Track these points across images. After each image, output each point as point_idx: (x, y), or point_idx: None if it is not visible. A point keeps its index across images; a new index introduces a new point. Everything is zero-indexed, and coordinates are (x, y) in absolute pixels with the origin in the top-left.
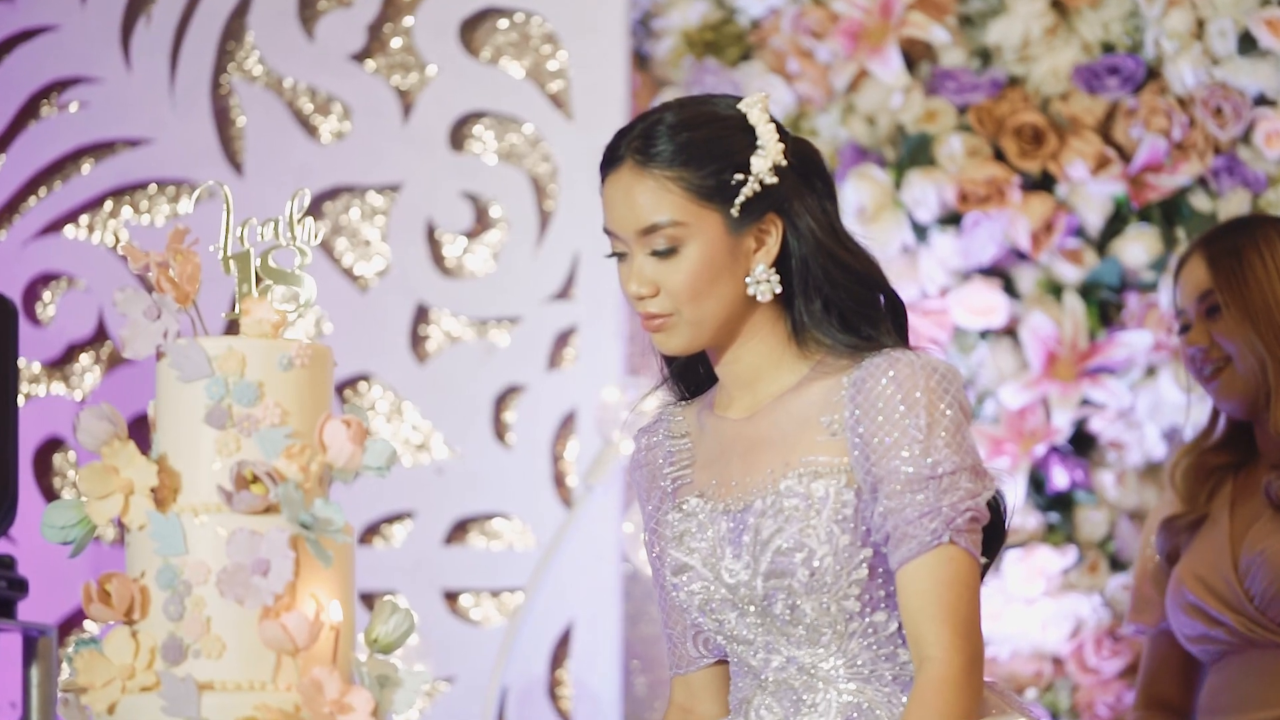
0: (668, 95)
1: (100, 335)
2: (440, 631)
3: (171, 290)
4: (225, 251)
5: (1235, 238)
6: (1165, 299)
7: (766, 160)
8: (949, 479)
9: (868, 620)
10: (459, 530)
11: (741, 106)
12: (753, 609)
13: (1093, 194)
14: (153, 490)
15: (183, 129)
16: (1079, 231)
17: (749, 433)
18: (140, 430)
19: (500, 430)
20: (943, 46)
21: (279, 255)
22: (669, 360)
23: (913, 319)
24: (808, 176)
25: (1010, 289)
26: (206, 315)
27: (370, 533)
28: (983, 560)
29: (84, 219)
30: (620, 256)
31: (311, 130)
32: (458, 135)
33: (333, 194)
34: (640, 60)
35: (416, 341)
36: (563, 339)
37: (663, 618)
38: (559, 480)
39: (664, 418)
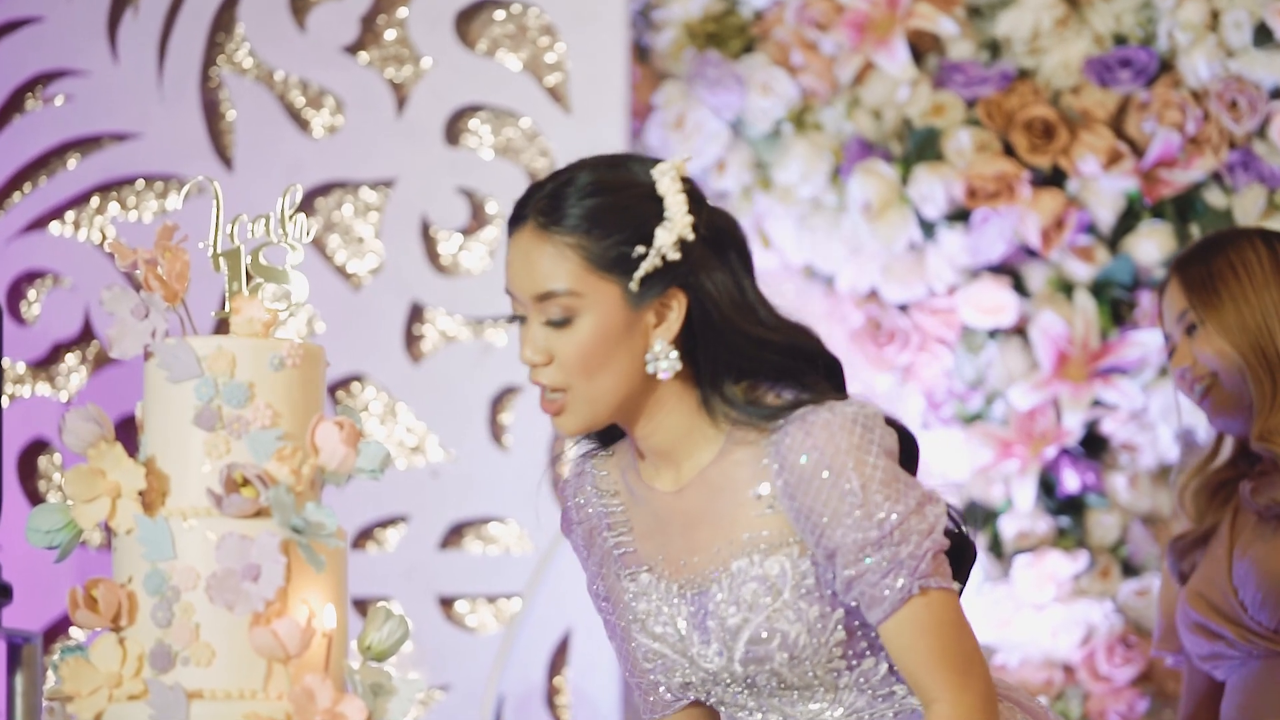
0: (668, 88)
1: (87, 334)
2: (435, 638)
3: (160, 288)
4: (215, 248)
5: (1208, 255)
6: None
7: (671, 234)
8: (899, 531)
9: (857, 671)
10: (454, 535)
11: (654, 173)
12: (736, 684)
13: (1104, 189)
14: (140, 493)
15: (171, 123)
16: (1090, 228)
17: (683, 508)
18: (128, 432)
19: (497, 432)
20: (951, 38)
21: (270, 252)
22: None
23: (920, 318)
24: (721, 248)
25: (1020, 287)
26: (196, 314)
27: (364, 537)
28: (956, 586)
29: (70, 215)
30: (521, 320)
31: (303, 124)
32: (453, 129)
33: (325, 190)
34: (640, 52)
35: (411, 341)
36: None
37: (624, 668)
38: (557, 483)
39: (588, 471)
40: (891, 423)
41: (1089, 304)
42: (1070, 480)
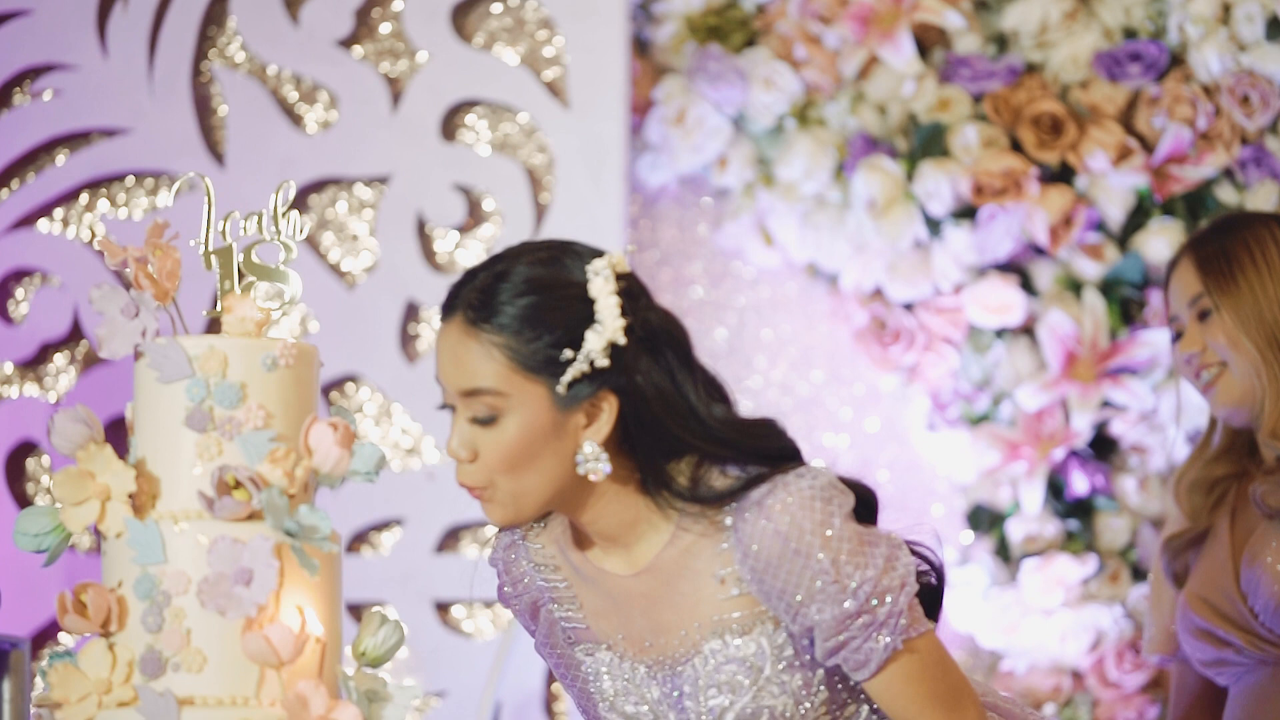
0: (669, 83)
1: (76, 334)
2: (431, 644)
3: (150, 287)
4: (206, 246)
5: (1224, 238)
6: None
7: (601, 339)
8: (875, 595)
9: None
10: (451, 538)
11: (589, 271)
12: None
13: (1114, 186)
14: (130, 496)
15: (162, 118)
16: (1099, 225)
17: (641, 590)
18: (117, 433)
19: None
20: (957, 32)
21: (262, 250)
22: None
23: (926, 318)
24: (656, 349)
25: (1027, 286)
26: (187, 313)
27: (358, 541)
28: (931, 625)
29: (58, 212)
30: (451, 408)
31: (296, 120)
32: (449, 125)
33: (319, 186)
34: (640, 46)
35: (406, 340)
36: None
37: (584, 713)
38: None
39: (519, 544)
40: (846, 481)
41: (1098, 303)
42: (1079, 483)
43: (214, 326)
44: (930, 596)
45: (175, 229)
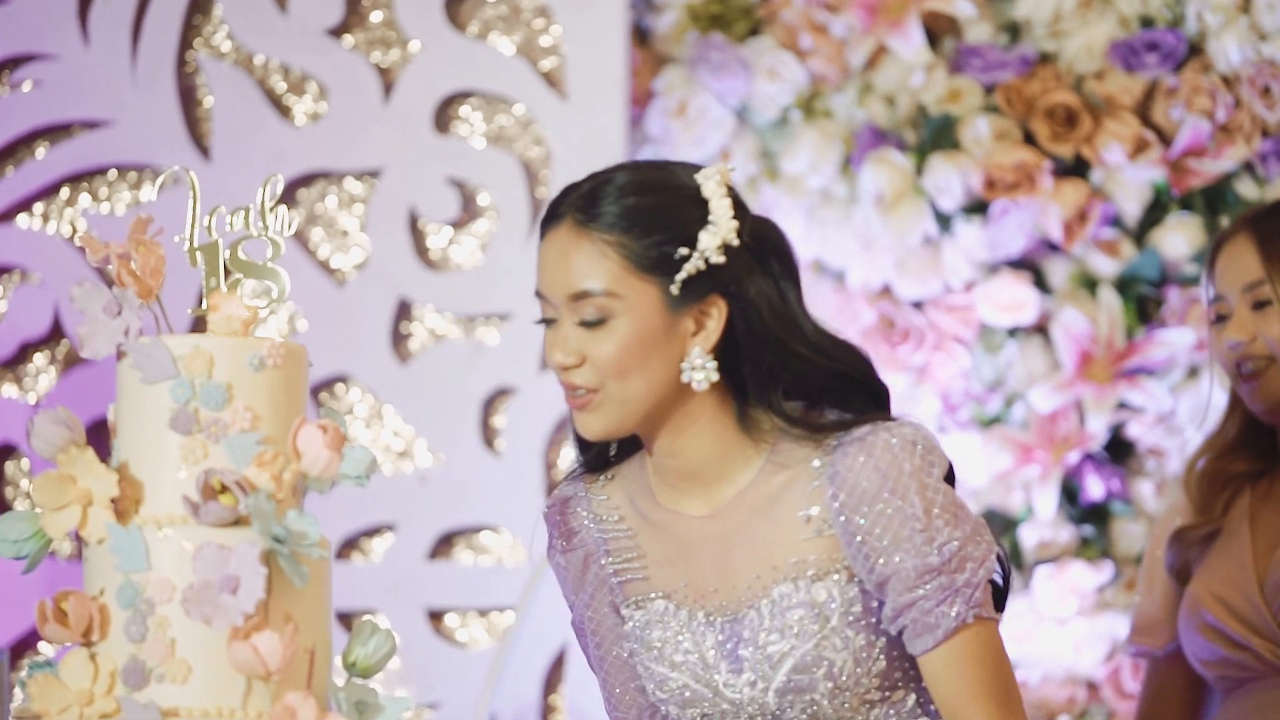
0: (670, 73)
1: (56, 333)
2: (424, 654)
3: (133, 284)
4: (191, 242)
5: None
6: (1207, 295)
7: (716, 237)
8: (957, 558)
9: (888, 705)
10: (444, 544)
11: (699, 177)
12: (762, 718)
13: (1130, 180)
14: (113, 501)
15: (145, 110)
16: (1115, 221)
17: (716, 532)
18: (99, 436)
19: (489, 436)
20: (968, 20)
21: (249, 246)
22: (583, 449)
23: (936, 316)
24: (764, 257)
25: (1041, 283)
26: (171, 311)
27: (348, 547)
28: (1000, 617)
29: (38, 207)
30: (548, 323)
31: (284, 111)
32: (443, 117)
33: (307, 180)
34: (640, 35)
35: (398, 340)
36: None
37: (608, 702)
38: (552, 490)
39: (581, 495)
40: None
41: (1114, 301)
42: (1094, 487)
43: (199, 325)
44: (994, 595)
45: (159, 224)
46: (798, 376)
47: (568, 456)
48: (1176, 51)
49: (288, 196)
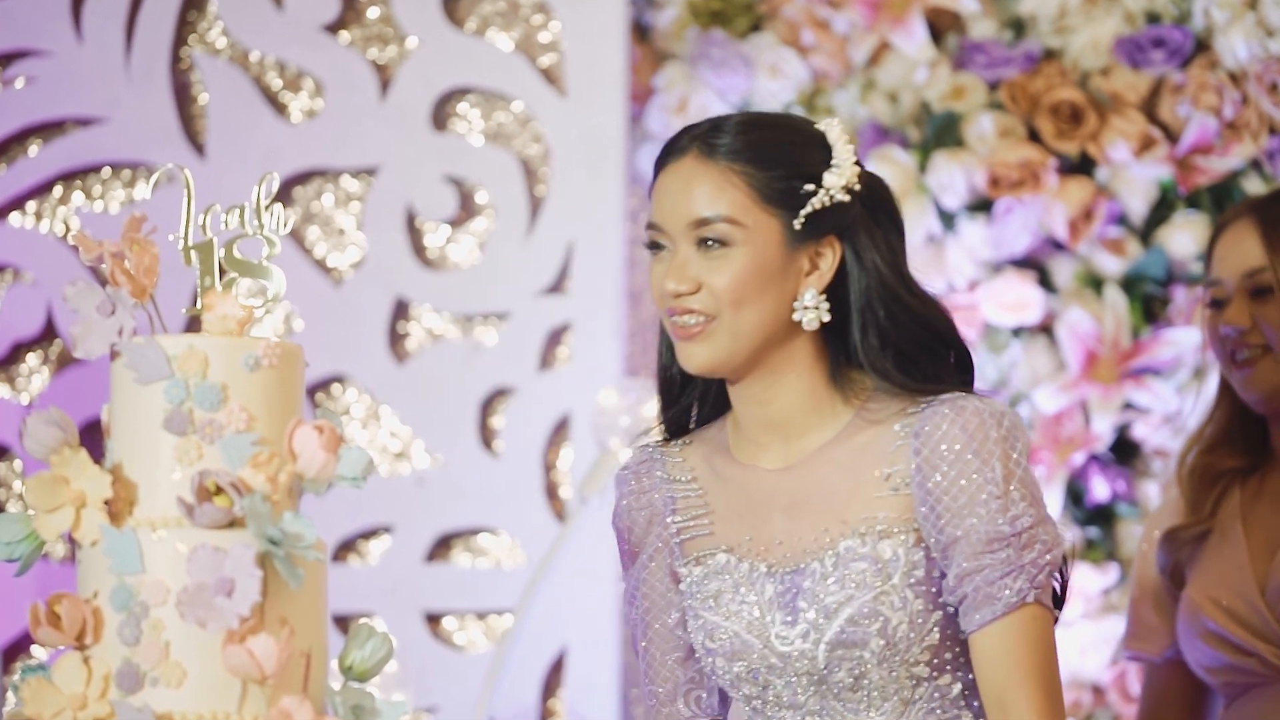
0: (670, 70)
1: (49, 333)
2: (421, 657)
3: (127, 283)
4: (186, 241)
5: None
6: None
7: (841, 178)
8: (1028, 534)
9: (933, 685)
10: (442, 547)
11: (820, 125)
12: (805, 678)
13: (1136, 178)
14: (106, 502)
15: (140, 107)
16: (1121, 219)
17: (790, 486)
18: (93, 437)
19: (487, 437)
20: (972, 16)
21: (245, 245)
22: (666, 396)
23: None
24: (875, 210)
25: (1046, 282)
26: (165, 311)
27: (345, 549)
28: (1056, 611)
29: (31, 205)
30: (656, 251)
31: (280, 108)
32: (440, 114)
33: (303, 178)
34: (640, 31)
35: (395, 340)
36: (555, 337)
37: (645, 674)
38: (551, 492)
39: (657, 458)
40: None
41: (1119, 300)
42: (1099, 488)
43: (194, 325)
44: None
45: (153, 223)
46: (901, 329)
47: (567, 458)
48: (1183, 48)
49: (283, 194)
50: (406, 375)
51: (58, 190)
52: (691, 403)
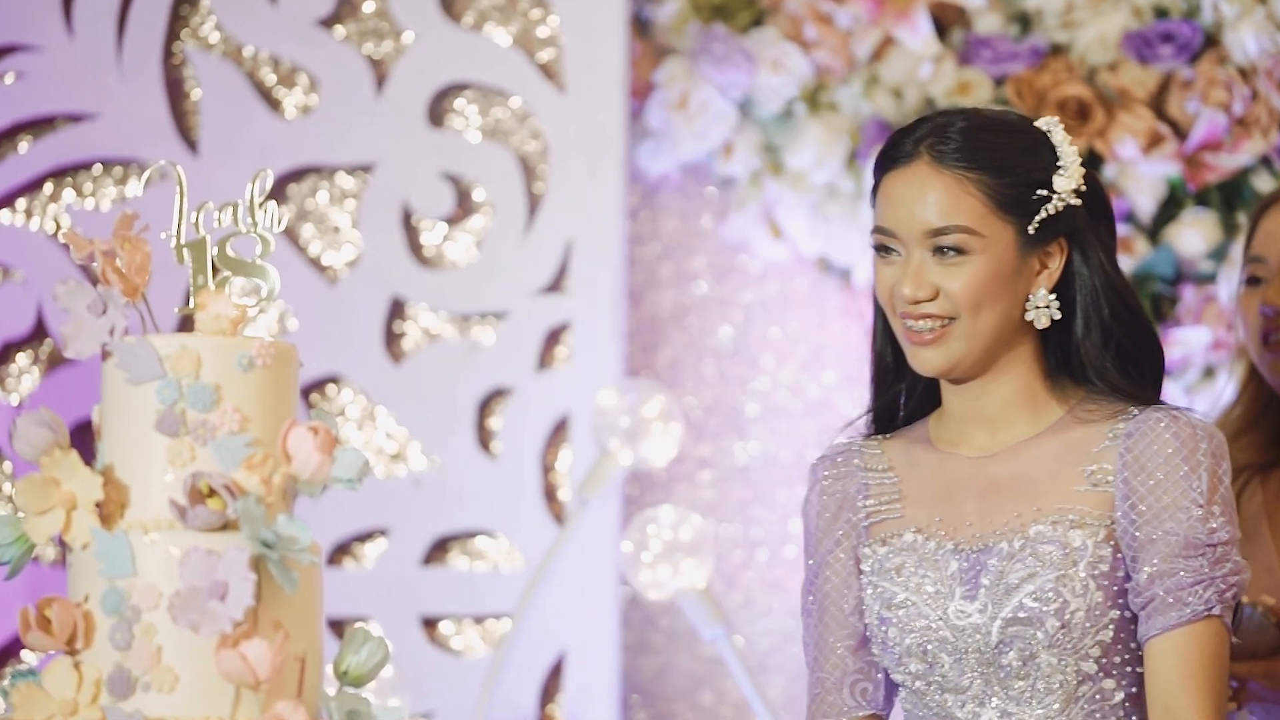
0: (671, 65)
1: (39, 332)
2: (418, 662)
3: (119, 282)
4: (178, 239)
5: None
6: (1225, 292)
7: (1070, 181)
8: (1223, 549)
9: (1098, 685)
10: (438, 550)
11: (1040, 124)
12: (974, 657)
13: (1144, 175)
14: (97, 505)
15: (131, 103)
16: (1129, 217)
17: (989, 473)
18: (84, 438)
19: (484, 438)
20: (977, 11)
21: (238, 243)
22: (879, 384)
23: None
24: (1096, 209)
25: None
26: (158, 310)
27: (340, 552)
28: (1231, 633)
29: (21, 203)
30: (885, 254)
31: (274, 104)
32: (437, 110)
33: (298, 175)
34: (640, 26)
35: (391, 339)
36: (554, 337)
37: (815, 660)
38: (550, 494)
39: (854, 449)
40: None
41: None
42: None
43: (186, 324)
44: None
45: (145, 220)
46: (1123, 326)
47: (566, 459)
48: (1192, 43)
49: (277, 192)
50: (403, 375)
51: (48, 187)
52: (899, 392)
